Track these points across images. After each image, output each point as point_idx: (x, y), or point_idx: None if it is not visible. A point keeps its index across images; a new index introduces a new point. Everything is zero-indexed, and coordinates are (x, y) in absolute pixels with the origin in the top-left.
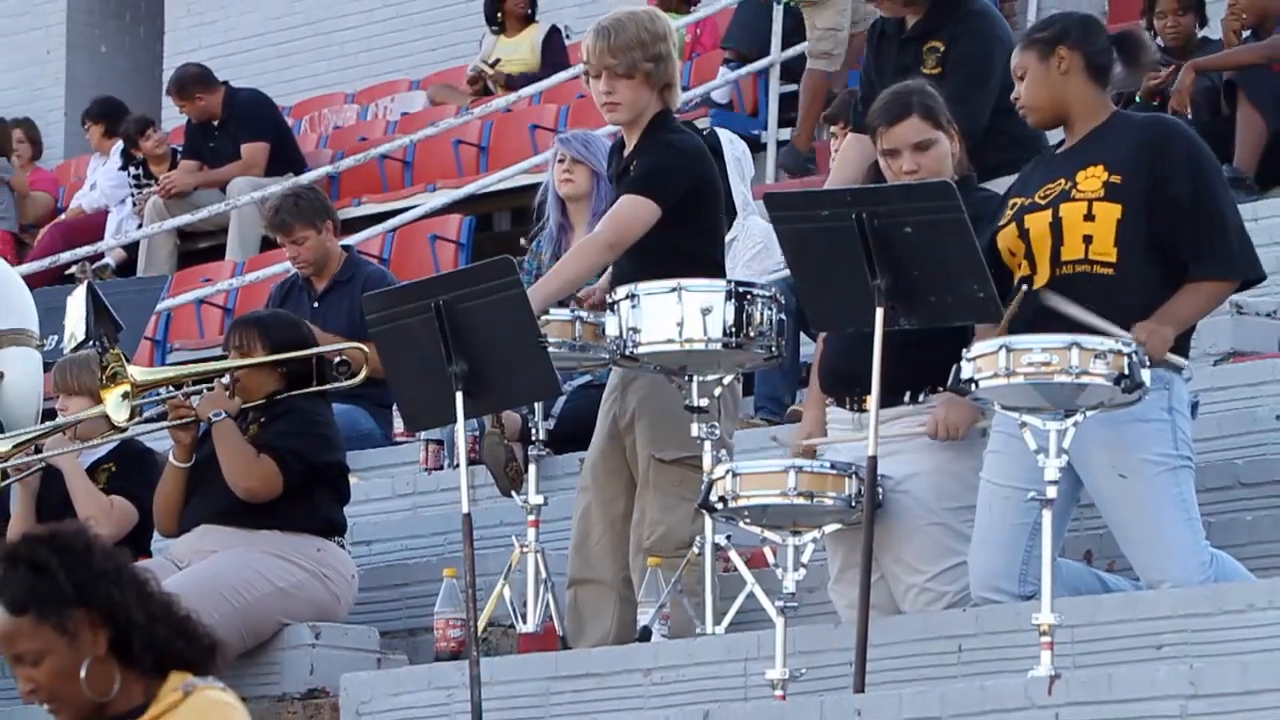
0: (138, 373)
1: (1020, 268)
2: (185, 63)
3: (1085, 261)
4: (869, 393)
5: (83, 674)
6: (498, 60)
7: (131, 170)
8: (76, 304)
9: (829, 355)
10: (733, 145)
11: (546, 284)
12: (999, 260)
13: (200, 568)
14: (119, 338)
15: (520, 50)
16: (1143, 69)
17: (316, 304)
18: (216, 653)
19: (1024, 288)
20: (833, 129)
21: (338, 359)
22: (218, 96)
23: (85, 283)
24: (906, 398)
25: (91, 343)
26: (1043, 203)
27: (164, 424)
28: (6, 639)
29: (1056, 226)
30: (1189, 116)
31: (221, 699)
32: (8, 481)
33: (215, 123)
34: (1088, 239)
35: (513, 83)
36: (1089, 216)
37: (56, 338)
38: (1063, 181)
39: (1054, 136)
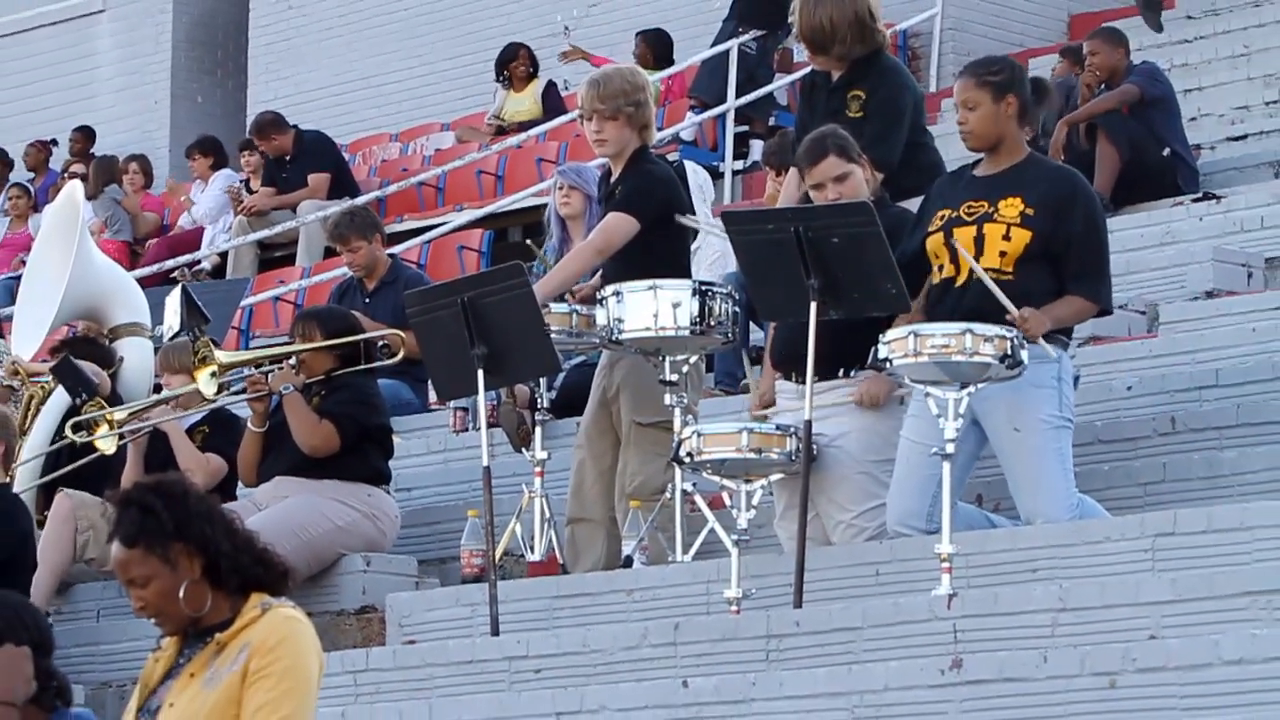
0: (223, 356)
1: (943, 269)
2: (263, 110)
3: (998, 271)
4: (807, 368)
5: (181, 594)
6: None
7: (238, 181)
8: (173, 302)
9: (776, 340)
10: (696, 174)
11: (548, 281)
12: (925, 259)
13: (275, 509)
14: (207, 328)
15: (524, 103)
16: (1042, 109)
17: (368, 300)
18: (288, 578)
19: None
20: (767, 169)
21: (380, 343)
22: (289, 137)
23: (180, 285)
24: (840, 373)
25: (184, 333)
26: (968, 219)
27: (244, 396)
28: (121, 566)
29: (980, 240)
30: (1062, 159)
31: (292, 615)
32: (123, 441)
33: (287, 158)
34: (1003, 254)
35: (522, 125)
36: (1006, 237)
37: (161, 329)
38: (985, 204)
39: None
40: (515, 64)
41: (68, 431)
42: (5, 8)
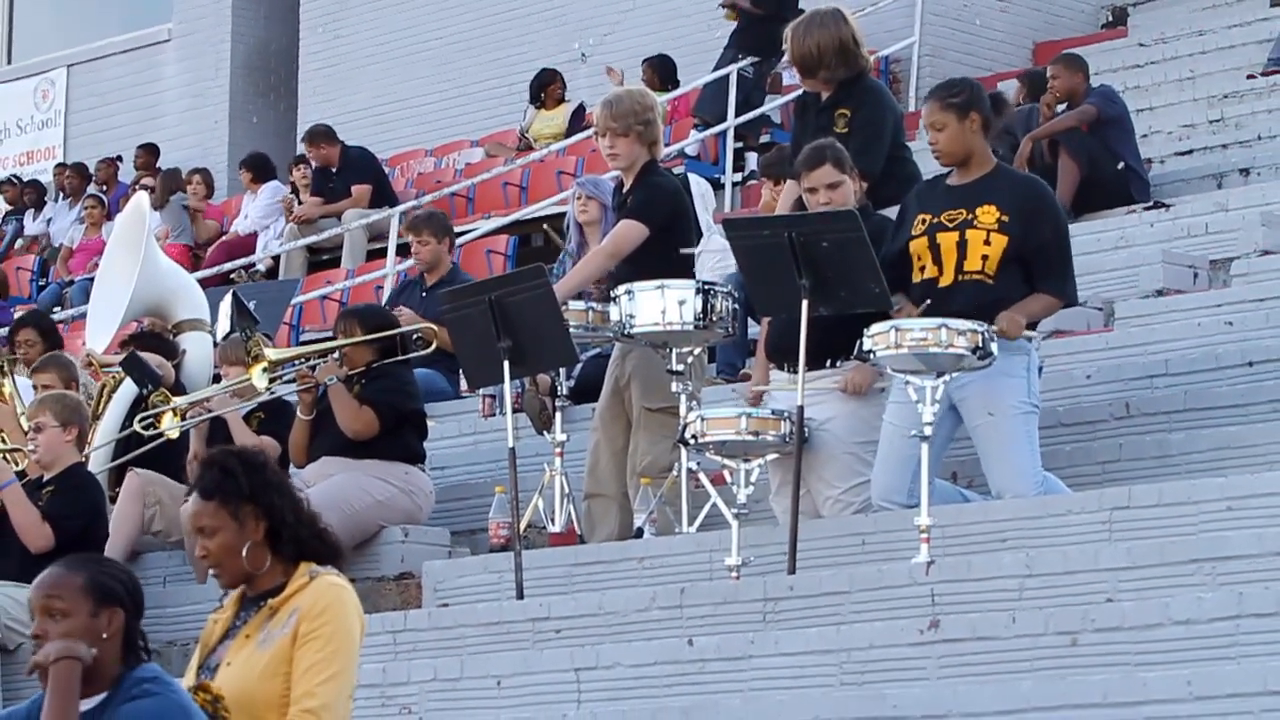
0: (272, 352)
1: (925, 269)
2: (316, 122)
3: (980, 273)
4: (799, 359)
5: (244, 552)
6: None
7: (288, 192)
8: (225, 307)
9: (771, 334)
10: (698, 184)
11: (567, 281)
12: (907, 260)
13: (323, 486)
14: (258, 326)
15: (554, 122)
16: (1002, 120)
17: (425, 294)
18: (341, 555)
19: (928, 302)
20: (763, 179)
21: (415, 336)
22: (336, 149)
23: (232, 291)
24: (828, 363)
25: (235, 333)
26: (950, 225)
27: (293, 388)
28: (195, 516)
29: (962, 245)
30: (1026, 170)
31: (337, 581)
32: (186, 425)
33: (334, 169)
34: (984, 257)
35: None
36: (987, 242)
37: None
38: (964, 212)
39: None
40: (553, 86)
41: (136, 426)
42: (80, 38)
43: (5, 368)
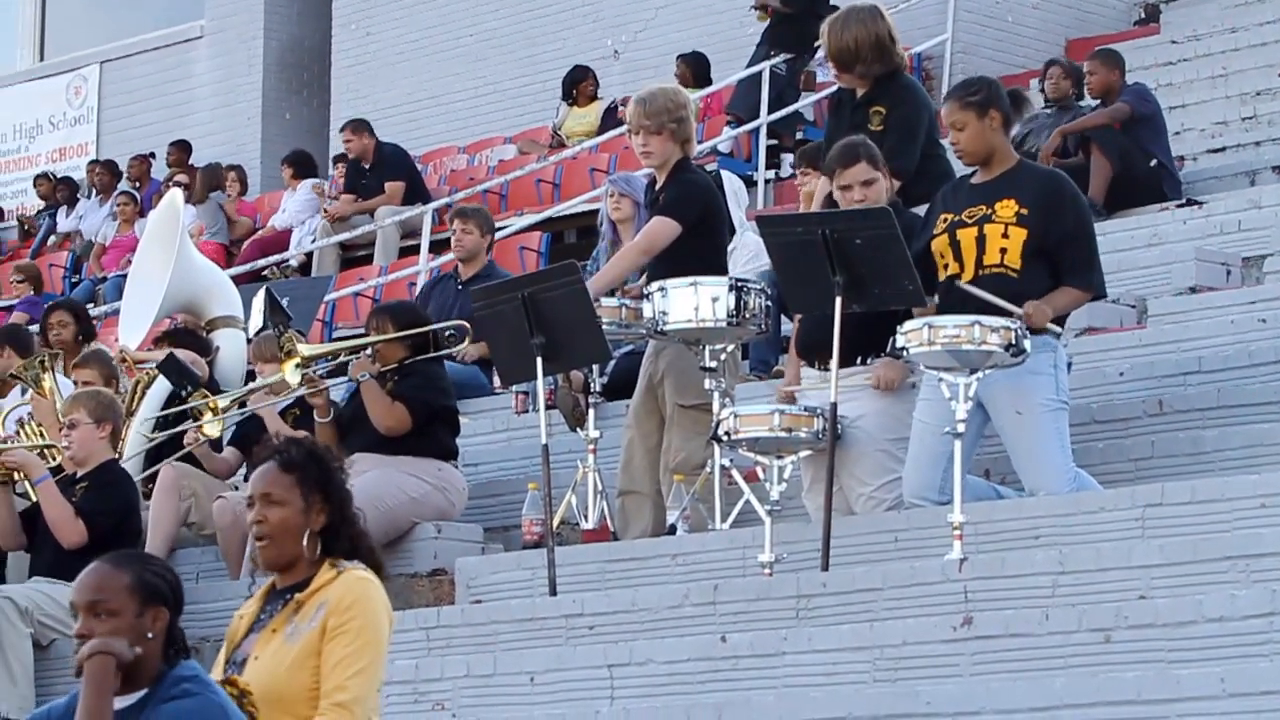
0: (305, 349)
1: (948, 267)
2: (355, 116)
3: (1000, 266)
4: (832, 356)
5: (304, 539)
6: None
7: (325, 185)
8: (258, 303)
9: (803, 330)
10: (731, 181)
11: (600, 278)
12: (931, 260)
13: (356, 483)
14: (290, 324)
15: (587, 119)
16: (1021, 116)
17: (460, 289)
18: (377, 557)
19: (935, 299)
20: (803, 169)
21: (448, 332)
22: (371, 142)
23: (265, 288)
24: (859, 360)
25: (267, 329)
26: (969, 221)
27: (304, 390)
28: (268, 482)
29: (981, 240)
30: (1054, 164)
31: (364, 576)
32: (220, 417)
33: (367, 166)
34: (1003, 251)
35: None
36: (1005, 235)
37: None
38: (984, 207)
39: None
40: (585, 84)
41: (187, 437)
42: (113, 35)
43: (45, 363)
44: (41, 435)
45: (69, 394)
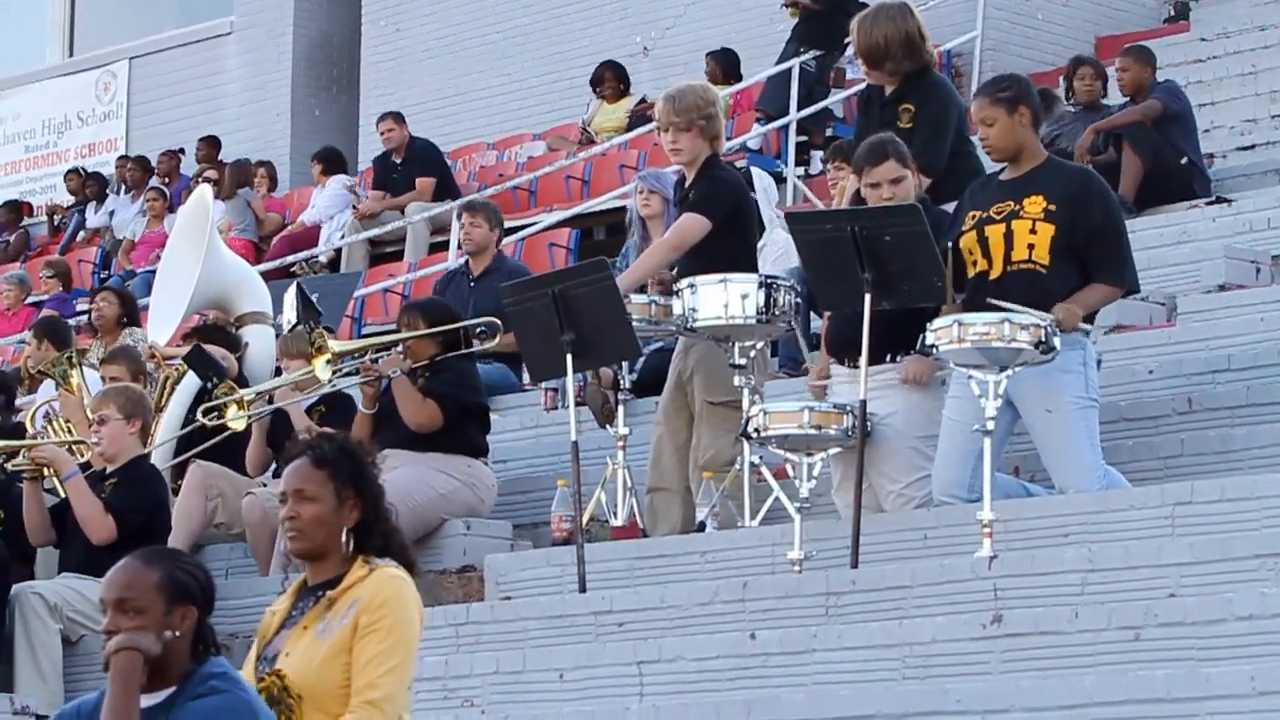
0: (335, 345)
1: (976, 264)
2: (384, 112)
3: (1028, 262)
4: (861, 353)
5: (342, 537)
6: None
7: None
8: (289, 299)
9: (832, 327)
10: (761, 178)
11: (629, 275)
12: (960, 257)
13: (386, 479)
14: (321, 319)
15: (616, 115)
16: (1053, 115)
17: (472, 283)
18: (409, 555)
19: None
20: (836, 163)
21: (478, 330)
22: (406, 132)
23: (296, 283)
24: (889, 357)
25: (300, 326)
26: (997, 218)
27: (356, 380)
28: (301, 477)
29: (1009, 236)
30: (1088, 162)
31: (396, 574)
32: (250, 416)
33: (398, 160)
34: (1031, 247)
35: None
36: (1033, 231)
37: (281, 319)
38: (1012, 203)
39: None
40: (614, 80)
41: (199, 416)
42: (142, 30)
43: (74, 359)
44: (69, 431)
45: (99, 390)
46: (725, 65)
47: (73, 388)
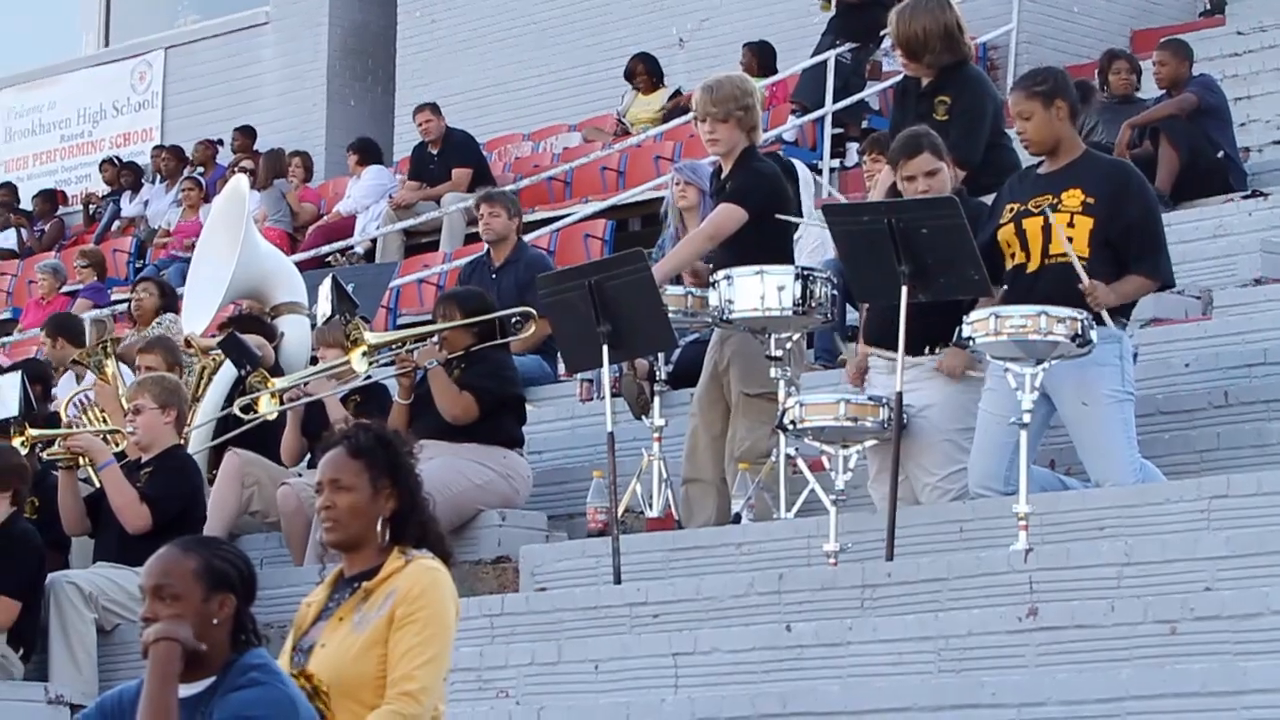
0: (372, 337)
1: (1014, 256)
2: (419, 103)
3: (1065, 255)
4: (898, 346)
5: (378, 526)
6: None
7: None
8: (324, 290)
9: (869, 319)
10: (804, 172)
11: (665, 264)
12: (998, 249)
13: (421, 470)
14: (357, 311)
15: (651, 107)
16: (1090, 108)
17: (494, 274)
18: (446, 546)
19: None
20: (873, 155)
21: (514, 320)
22: (443, 123)
23: (331, 275)
24: (926, 350)
25: (335, 317)
26: (1035, 211)
27: (392, 372)
28: (336, 467)
29: (1047, 229)
30: (1126, 157)
31: (432, 565)
32: (284, 408)
33: (435, 151)
34: (1069, 240)
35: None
36: (1071, 224)
37: (316, 310)
38: (1050, 196)
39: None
40: (648, 72)
41: (235, 409)
42: (178, 20)
43: (108, 349)
44: (104, 420)
45: (134, 380)
46: (761, 57)
47: (108, 377)
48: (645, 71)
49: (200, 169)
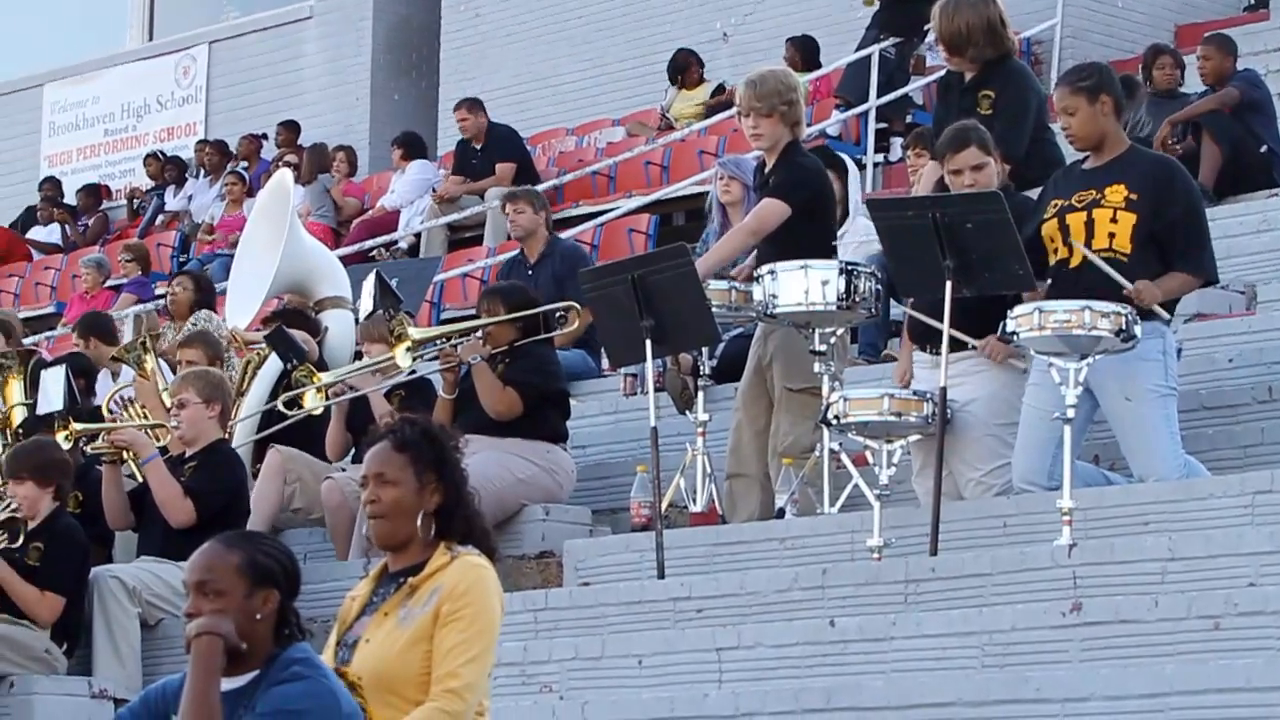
0: (415, 332)
1: (1057, 251)
2: (463, 97)
3: (1109, 251)
4: (943, 341)
5: (418, 520)
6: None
7: (436, 167)
8: (368, 286)
9: (913, 318)
10: (853, 166)
11: (708, 258)
12: (1041, 244)
13: (466, 464)
14: (401, 306)
15: (694, 102)
16: (1136, 103)
17: (530, 270)
18: (491, 542)
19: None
20: (917, 150)
21: (558, 314)
22: (485, 120)
23: (375, 270)
24: (969, 345)
25: (379, 312)
26: (1079, 206)
27: (436, 367)
28: (381, 461)
29: (1090, 225)
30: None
31: (478, 562)
32: (329, 403)
33: (478, 146)
34: (1112, 235)
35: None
36: (1114, 220)
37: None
38: (1094, 192)
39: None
40: (689, 70)
41: (279, 404)
42: (222, 15)
43: (148, 344)
44: (145, 416)
45: (178, 374)
46: (805, 52)
47: (147, 373)
48: (696, 67)
49: (244, 163)
